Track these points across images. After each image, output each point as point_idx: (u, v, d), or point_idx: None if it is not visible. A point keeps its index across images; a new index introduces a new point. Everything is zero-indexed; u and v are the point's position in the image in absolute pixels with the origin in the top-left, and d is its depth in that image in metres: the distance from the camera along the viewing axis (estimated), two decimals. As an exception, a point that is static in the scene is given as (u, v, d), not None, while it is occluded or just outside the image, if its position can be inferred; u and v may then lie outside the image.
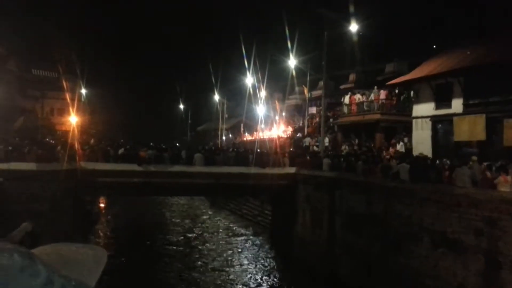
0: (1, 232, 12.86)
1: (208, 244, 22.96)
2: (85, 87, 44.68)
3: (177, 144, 46.46)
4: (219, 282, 17.06)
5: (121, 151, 20.21)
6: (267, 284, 16.96)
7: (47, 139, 29.74)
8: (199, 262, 19.55)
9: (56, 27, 43.92)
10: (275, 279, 17.55)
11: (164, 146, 24.44)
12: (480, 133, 16.89)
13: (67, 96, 37.47)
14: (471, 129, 17.30)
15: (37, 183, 15.98)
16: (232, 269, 18.67)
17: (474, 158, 14.14)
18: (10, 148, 18.37)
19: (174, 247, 22.14)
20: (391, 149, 21.28)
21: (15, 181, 15.43)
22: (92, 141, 28.00)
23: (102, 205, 31.58)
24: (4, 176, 14.99)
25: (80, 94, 43.18)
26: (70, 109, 35.40)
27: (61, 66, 39.92)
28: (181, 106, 63.53)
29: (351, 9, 27.21)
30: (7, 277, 0.66)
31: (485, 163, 13.64)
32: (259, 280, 17.39)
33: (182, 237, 24.49)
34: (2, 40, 30.54)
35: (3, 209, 14.40)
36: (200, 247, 22.37)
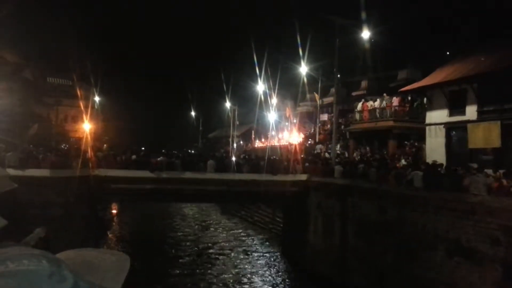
0: (16, 237, 13.00)
1: (219, 251, 22.89)
2: (98, 95, 45.27)
3: (192, 151, 46.72)
4: (229, 287, 16.99)
5: (133, 157, 20.36)
6: (279, 292, 16.82)
7: (61, 146, 30.09)
8: (210, 269, 19.49)
9: (71, 36, 44.53)
10: (285, 286, 17.40)
11: (175, 152, 24.58)
12: (495, 140, 16.60)
13: (81, 103, 37.95)
14: (485, 136, 17.02)
15: (51, 190, 16.17)
16: (243, 277, 18.57)
17: (474, 165, 13.87)
18: (25, 155, 18.61)
19: (185, 254, 22.13)
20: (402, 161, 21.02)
21: (29, 187, 15.61)
22: (104, 147, 28.29)
23: (114, 211, 31.77)
24: (18, 182, 15.16)
25: (94, 101, 43.73)
26: (84, 116, 35.82)
27: (76, 74, 40.48)
28: (193, 113, 63.90)
29: (363, 16, 27.15)
30: (36, 283, 0.67)
31: (501, 171, 13.38)
32: (269, 286, 17.26)
33: (193, 244, 24.48)
34: (18, 49, 31.10)
35: (18, 214, 14.56)
36: (211, 254, 22.32)
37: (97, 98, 45.16)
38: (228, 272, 19.16)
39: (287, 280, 18.29)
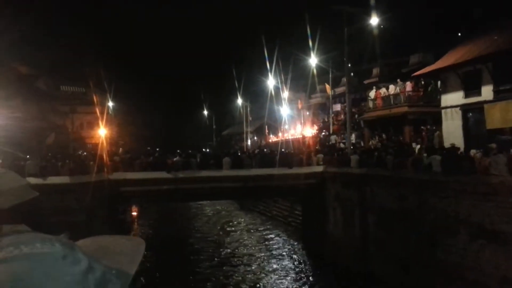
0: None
1: (239, 247, 23.01)
2: (112, 100, 45.79)
3: (207, 150, 46.93)
4: (253, 283, 17.06)
5: (150, 159, 20.57)
6: (300, 284, 16.82)
7: (79, 153, 30.55)
8: (232, 265, 19.61)
9: (83, 43, 45.02)
10: (308, 279, 17.40)
11: (191, 152, 24.72)
12: (513, 119, 16.27)
13: (96, 110, 38.45)
14: (503, 115, 16.68)
15: (71, 196, 16.46)
16: (265, 270, 18.63)
17: (493, 145, 13.57)
18: (44, 163, 18.96)
19: (206, 251, 22.29)
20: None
21: (51, 195, 15.91)
22: (120, 151, 28.62)
23: (134, 213, 32.18)
24: (39, 190, 15.43)
25: (108, 107, 44.24)
26: (100, 122, 36.27)
27: (91, 81, 40.98)
28: (206, 112, 64.17)
29: (372, 2, 26.78)
30: (50, 264, 0.68)
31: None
32: (292, 280, 17.29)
33: (213, 241, 24.65)
34: (30, 60, 31.60)
35: (41, 222, 14.84)
36: (231, 250, 22.44)
37: (110, 104, 45.70)
38: (250, 267, 19.25)
39: (309, 272, 18.29)
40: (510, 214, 10.60)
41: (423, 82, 24.45)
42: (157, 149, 29.23)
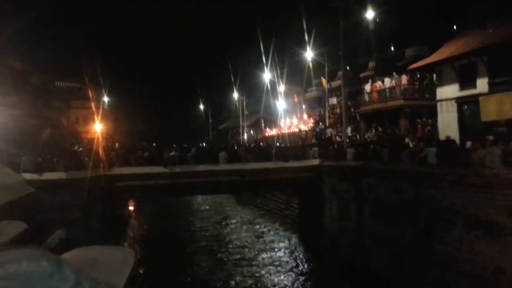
0: (37, 240, 13.25)
1: (236, 241, 23.09)
2: (108, 95, 45.59)
3: (204, 144, 46.89)
4: (250, 276, 17.15)
5: (146, 154, 20.53)
6: (298, 278, 16.93)
7: (75, 148, 30.45)
8: (229, 258, 19.70)
9: (77, 38, 44.68)
10: (305, 272, 17.51)
11: (186, 146, 24.71)
12: (508, 112, 16.33)
13: (92, 105, 38.28)
14: (498, 108, 16.76)
15: (67, 192, 16.41)
16: (262, 263, 18.73)
17: (490, 137, 13.67)
18: (40, 159, 18.88)
19: (204, 244, 22.38)
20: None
21: (47, 191, 15.86)
22: (116, 146, 28.54)
23: (131, 208, 32.18)
24: (35, 187, 15.41)
25: (103, 102, 44.06)
26: (95, 117, 36.14)
27: (87, 76, 40.74)
28: (202, 107, 64.05)
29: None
30: (36, 284, 0.68)
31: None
32: (290, 273, 17.39)
33: (211, 234, 24.73)
34: (25, 55, 31.36)
35: (37, 218, 14.85)
36: (229, 244, 22.53)
37: (106, 99, 45.50)
38: (247, 260, 19.34)
39: (306, 265, 18.40)
40: (504, 206, 10.69)
41: (418, 75, 24.50)
42: (154, 144, 29.17)
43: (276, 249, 21.05)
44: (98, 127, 34.23)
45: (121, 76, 53.70)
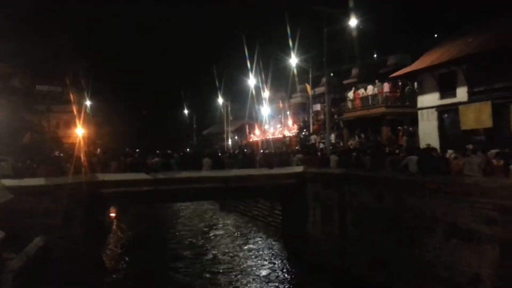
0: (15, 248, 12.96)
1: (220, 247, 22.99)
2: (90, 99, 45.04)
3: (187, 149, 46.64)
4: (233, 284, 17.08)
5: (128, 160, 20.31)
6: (280, 284, 16.93)
7: (56, 153, 29.93)
8: (212, 265, 19.59)
9: (59, 41, 44.07)
10: (288, 279, 17.52)
11: (170, 152, 24.54)
12: (486, 121, 16.71)
13: (73, 108, 37.79)
14: (477, 116, 17.13)
15: (48, 198, 16.10)
16: (245, 270, 18.67)
17: (470, 146, 14.02)
18: (19, 164, 18.51)
19: (186, 251, 22.21)
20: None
21: (26, 197, 15.55)
22: (98, 151, 28.18)
23: (113, 214, 31.74)
24: (14, 192, 15.10)
25: (86, 106, 43.52)
26: (77, 121, 35.66)
27: (68, 79, 40.21)
28: (186, 111, 63.76)
29: (351, 3, 27.14)
30: None
31: (493, 151, 13.49)
32: (273, 280, 17.38)
33: (194, 241, 24.56)
34: (5, 58, 30.80)
35: (16, 225, 14.52)
36: (212, 250, 22.41)
37: (88, 103, 44.95)
38: (230, 267, 19.26)
39: (289, 271, 18.41)
40: (482, 214, 10.90)
41: (400, 83, 24.88)
42: (137, 150, 28.85)
43: (259, 256, 21.02)
44: (79, 132, 33.77)
45: (104, 80, 52.94)
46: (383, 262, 14.60)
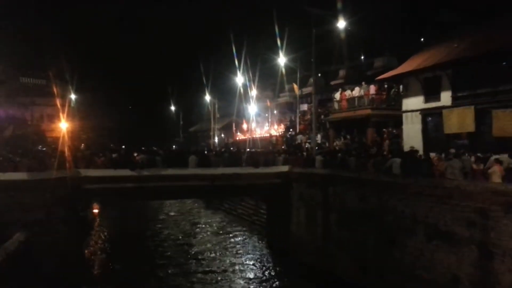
0: (-5, 243, 12.68)
1: (204, 245, 22.95)
2: (75, 93, 44.41)
3: (173, 146, 46.39)
4: (216, 282, 17.07)
5: (113, 156, 20.10)
6: (263, 283, 16.99)
7: (39, 147, 29.48)
8: (196, 264, 19.53)
9: (44, 32, 43.39)
10: (271, 277, 17.59)
11: (155, 149, 24.38)
12: (469, 125, 17.04)
13: (57, 102, 37.22)
14: (460, 121, 17.46)
15: (29, 193, 15.83)
16: (228, 269, 18.67)
17: (452, 150, 14.32)
18: (0, 158, 18.18)
19: (170, 249, 22.10)
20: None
21: (7, 192, 15.29)
22: (82, 146, 27.84)
23: (96, 210, 31.41)
24: (-5, 187, 14.85)
25: (70, 100, 42.91)
26: (61, 115, 35.14)
27: (51, 72, 39.59)
28: (173, 108, 63.35)
29: (339, 5, 27.26)
30: None
31: (475, 155, 13.77)
32: (255, 278, 17.43)
33: (178, 239, 24.46)
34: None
35: (-4, 220, 14.28)
36: (196, 248, 22.36)
37: (73, 96, 44.32)
38: (214, 265, 19.25)
39: (272, 270, 18.48)
40: (462, 216, 11.13)
41: (386, 86, 25.17)
42: (123, 146, 28.59)
43: (242, 254, 21.05)
44: (63, 126, 33.29)
45: (90, 74, 52.35)
46: (365, 262, 14.78)
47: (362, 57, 37.82)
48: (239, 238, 24.29)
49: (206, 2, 76.72)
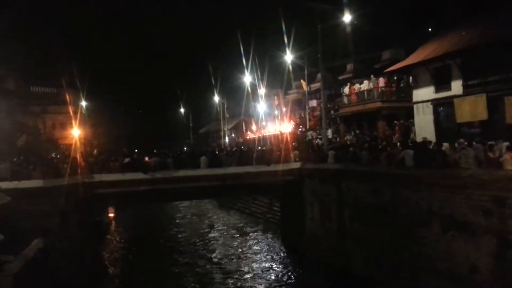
0: (13, 250, 12.94)
1: (219, 244, 23.05)
2: (85, 100, 44.86)
3: (185, 148, 46.64)
4: (232, 280, 17.12)
5: (126, 160, 20.28)
6: (279, 280, 17.00)
7: (52, 155, 29.86)
8: (211, 263, 19.63)
9: (54, 41, 43.87)
10: (287, 275, 17.59)
11: (166, 151, 24.54)
12: (481, 113, 16.78)
13: (69, 109, 37.61)
14: (472, 109, 17.20)
15: (45, 200, 16.08)
16: (244, 267, 18.73)
17: (461, 140, 14.10)
18: (16, 167, 18.44)
19: (185, 250, 22.24)
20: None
21: (23, 199, 15.51)
22: (95, 152, 28.13)
23: (111, 215, 31.72)
24: (12, 195, 15.07)
25: (81, 107, 43.38)
26: (73, 122, 35.50)
27: (64, 79, 40.03)
28: (182, 110, 63.60)
29: (344, -1, 27.07)
30: None
31: (488, 143, 13.56)
32: (271, 276, 17.45)
33: (192, 240, 24.58)
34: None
35: (14, 227, 14.49)
36: (211, 248, 22.46)
37: (84, 103, 44.77)
38: (228, 263, 19.32)
39: (287, 267, 18.48)
40: (478, 206, 10.98)
41: (395, 78, 24.91)
42: (136, 150, 28.81)
43: (257, 252, 21.09)
44: (76, 133, 33.63)
45: (100, 81, 52.84)
46: (380, 257, 14.67)
47: (369, 50, 37.52)
48: (254, 236, 24.34)
49: (211, 2, 76.90)
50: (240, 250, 21.84)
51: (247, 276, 17.79)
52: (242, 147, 30.19)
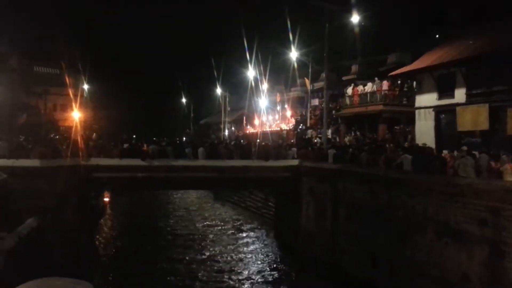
0: (7, 228, 12.95)
1: (212, 237, 23.10)
2: (87, 83, 44.76)
3: (184, 138, 46.65)
4: (224, 274, 17.17)
5: (125, 146, 20.29)
6: (271, 276, 17.05)
7: (52, 135, 29.84)
8: (204, 255, 19.67)
9: (58, 23, 43.70)
10: (279, 271, 17.64)
11: (166, 139, 24.55)
12: (483, 123, 16.80)
13: (70, 91, 37.54)
14: (474, 118, 17.21)
15: (41, 180, 16.08)
16: (236, 262, 18.78)
17: (464, 148, 14.14)
18: (14, 145, 18.43)
19: (178, 240, 22.29)
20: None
21: (20, 178, 15.52)
22: (94, 135, 28.12)
23: (107, 199, 31.74)
24: (8, 173, 15.07)
25: (83, 89, 43.29)
26: (73, 104, 35.47)
27: (64, 61, 39.89)
28: (184, 100, 63.51)
29: (353, 0, 26.96)
30: None
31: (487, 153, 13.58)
32: (263, 272, 17.49)
33: (186, 230, 24.64)
34: (3, 38, 30.48)
35: (9, 205, 14.51)
36: (204, 239, 22.51)
37: (86, 86, 44.68)
38: (221, 257, 19.36)
39: (280, 263, 18.54)
40: (474, 214, 11.01)
41: (399, 82, 24.91)
42: (134, 136, 28.82)
43: (250, 247, 21.14)
44: (76, 115, 33.60)
45: (103, 65, 52.79)
46: (374, 258, 14.73)
47: (376, 53, 37.44)
48: (247, 230, 24.39)
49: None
50: (231, 243, 21.89)
51: (236, 270, 17.77)
52: (242, 140, 30.19)
